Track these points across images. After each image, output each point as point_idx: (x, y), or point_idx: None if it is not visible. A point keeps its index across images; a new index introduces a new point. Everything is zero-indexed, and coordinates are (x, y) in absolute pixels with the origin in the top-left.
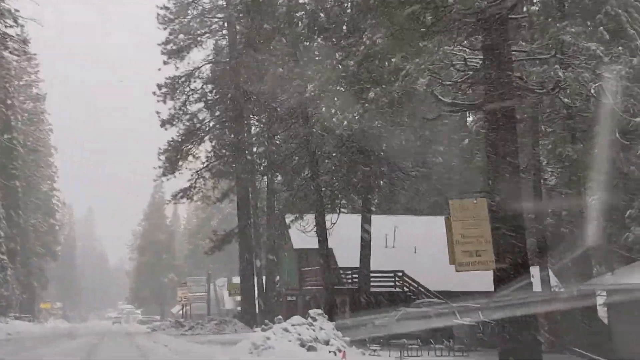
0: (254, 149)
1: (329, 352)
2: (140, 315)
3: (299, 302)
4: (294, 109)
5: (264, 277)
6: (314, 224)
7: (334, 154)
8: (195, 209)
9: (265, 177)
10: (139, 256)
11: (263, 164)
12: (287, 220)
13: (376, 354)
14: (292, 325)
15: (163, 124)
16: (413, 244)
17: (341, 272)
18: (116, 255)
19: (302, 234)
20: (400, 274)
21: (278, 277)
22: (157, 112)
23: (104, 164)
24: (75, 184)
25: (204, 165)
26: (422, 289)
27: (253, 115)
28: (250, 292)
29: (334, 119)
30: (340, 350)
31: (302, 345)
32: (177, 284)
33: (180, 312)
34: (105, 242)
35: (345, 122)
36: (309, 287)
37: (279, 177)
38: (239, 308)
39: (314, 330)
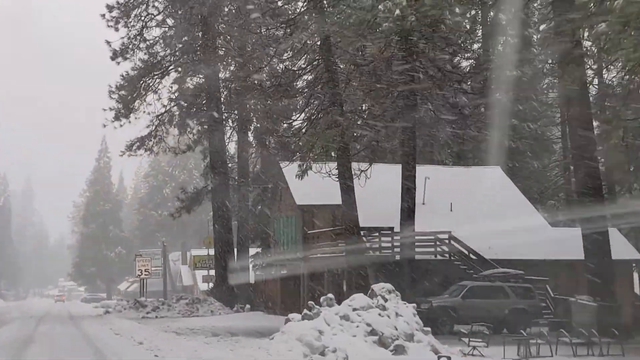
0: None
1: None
2: (84, 292)
3: (304, 276)
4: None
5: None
6: (328, 172)
7: (366, 67)
8: (146, 176)
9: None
10: (83, 227)
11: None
12: (286, 169)
13: (481, 354)
14: (354, 310)
15: (115, 55)
16: (448, 201)
17: (366, 234)
18: (57, 229)
19: (305, 188)
20: (445, 236)
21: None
22: (107, 42)
23: (43, 127)
24: (11, 151)
25: (168, 106)
26: (474, 257)
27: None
28: (227, 265)
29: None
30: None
31: (381, 342)
32: (125, 258)
33: (129, 288)
34: (45, 215)
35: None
36: (321, 256)
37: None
38: (210, 284)
39: (388, 317)
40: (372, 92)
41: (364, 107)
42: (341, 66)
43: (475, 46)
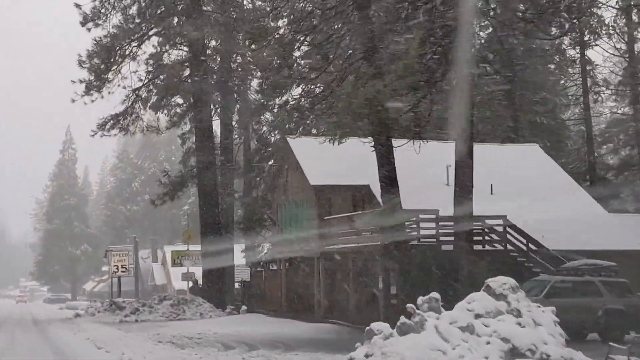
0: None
1: None
2: (46, 292)
3: (319, 270)
4: None
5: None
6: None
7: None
8: (113, 169)
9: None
10: (46, 224)
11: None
12: (296, 145)
13: None
14: (477, 316)
15: (85, 20)
16: (487, 182)
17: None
18: (18, 227)
19: (319, 167)
20: (499, 222)
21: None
22: (77, 5)
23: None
24: None
25: (146, 79)
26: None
27: None
28: (216, 260)
29: None
30: None
31: None
32: (92, 255)
33: (95, 288)
34: (4, 212)
35: None
36: (342, 247)
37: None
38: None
39: (523, 327)
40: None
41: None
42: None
43: None
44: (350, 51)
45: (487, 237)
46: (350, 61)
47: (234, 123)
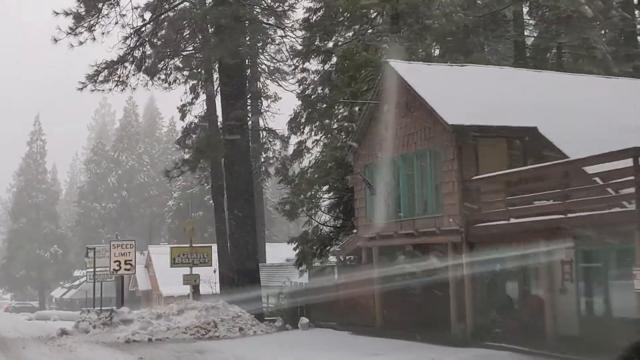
0: None
1: None
2: (9, 300)
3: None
4: None
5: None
6: None
7: None
8: (87, 162)
9: None
10: (12, 223)
11: None
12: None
13: None
14: None
15: None
16: None
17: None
18: None
19: (452, 102)
20: None
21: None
22: None
23: None
24: None
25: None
26: None
27: None
28: (245, 253)
29: None
30: None
31: None
32: (62, 259)
33: (65, 295)
34: None
35: None
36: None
37: None
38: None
39: None
40: None
41: None
42: None
43: None
44: None
45: None
46: None
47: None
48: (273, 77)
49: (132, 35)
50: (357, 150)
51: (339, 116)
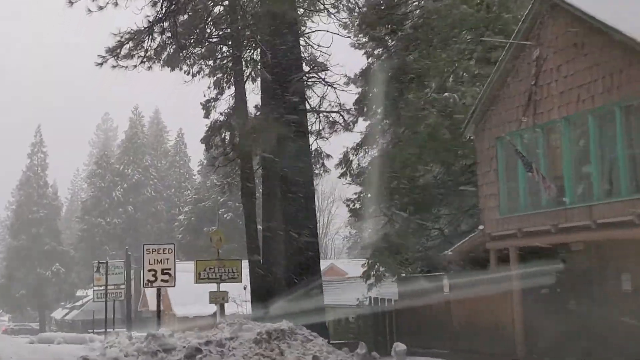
0: None
1: None
2: (7, 322)
3: None
4: None
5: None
6: None
7: None
8: (91, 176)
9: None
10: (11, 240)
11: None
12: None
13: None
14: None
15: None
16: None
17: None
18: None
19: None
20: None
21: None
22: None
23: None
24: None
25: None
26: None
27: None
28: (304, 245)
29: None
30: None
31: None
32: (64, 277)
33: (67, 317)
34: None
35: None
36: None
37: None
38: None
39: None
40: None
41: None
42: None
43: None
44: None
45: None
46: None
47: None
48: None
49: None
50: (483, 118)
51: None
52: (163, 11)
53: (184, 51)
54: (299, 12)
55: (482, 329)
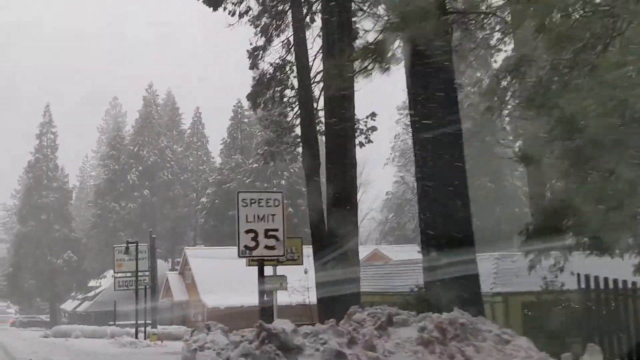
0: None
1: None
2: (14, 314)
3: None
4: None
5: None
6: None
7: None
8: (104, 158)
9: None
10: (20, 226)
11: None
12: None
13: None
14: None
15: None
16: None
17: None
18: None
19: None
20: None
21: None
22: None
23: None
24: None
25: None
26: None
27: None
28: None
29: None
30: None
31: None
32: (77, 266)
33: (78, 308)
34: None
35: None
36: None
37: None
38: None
39: None
40: None
41: None
42: None
43: None
44: None
45: None
46: None
47: None
48: None
49: None
50: None
51: None
52: None
53: None
54: None
55: None
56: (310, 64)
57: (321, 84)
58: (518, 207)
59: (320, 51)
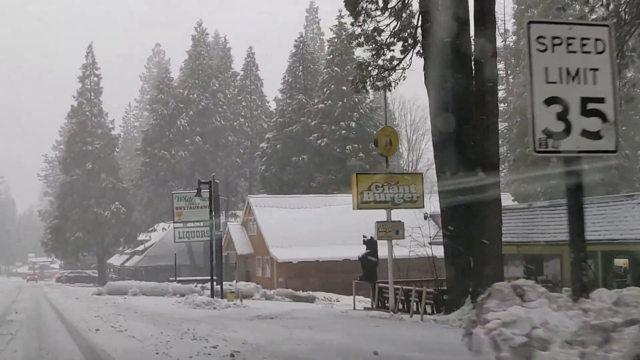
0: None
1: None
2: (59, 269)
3: None
4: None
5: None
6: None
7: None
8: (152, 102)
9: None
10: (64, 175)
11: None
12: None
13: None
14: None
15: None
16: None
17: None
18: (26, 195)
19: None
20: None
21: None
22: None
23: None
24: None
25: None
26: None
27: None
28: None
29: None
30: None
31: None
32: (125, 219)
33: (127, 263)
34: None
35: None
36: None
37: None
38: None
39: None
40: None
41: None
42: None
43: None
44: None
45: None
46: None
47: None
48: None
49: None
50: None
51: None
52: None
53: None
54: None
55: None
56: None
57: None
58: None
59: None
